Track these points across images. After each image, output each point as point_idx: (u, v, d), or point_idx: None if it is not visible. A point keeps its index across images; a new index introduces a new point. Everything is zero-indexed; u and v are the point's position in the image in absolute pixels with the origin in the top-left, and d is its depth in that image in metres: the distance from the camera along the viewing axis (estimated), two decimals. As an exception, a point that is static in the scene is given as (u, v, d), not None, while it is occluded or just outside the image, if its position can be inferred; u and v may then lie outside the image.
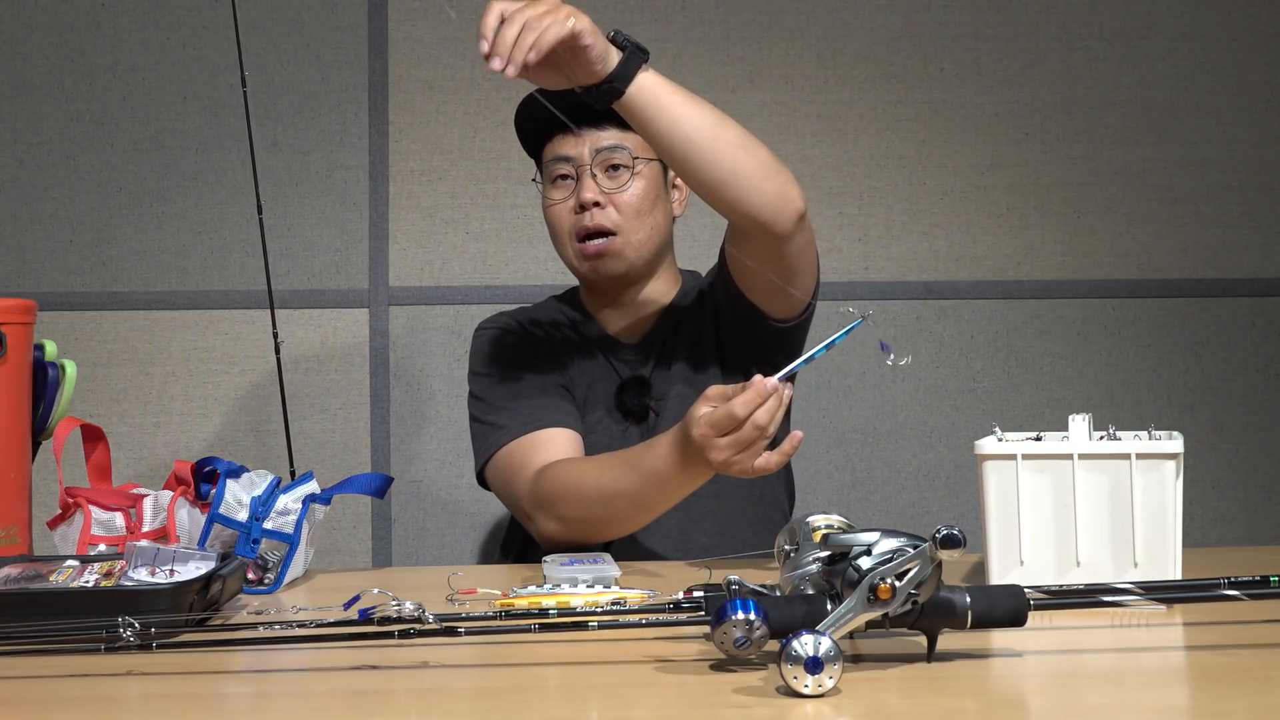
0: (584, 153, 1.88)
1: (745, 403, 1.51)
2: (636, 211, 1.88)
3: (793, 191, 1.69)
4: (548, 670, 1.18)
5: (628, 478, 1.69)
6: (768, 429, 1.53)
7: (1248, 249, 2.78)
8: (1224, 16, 2.78)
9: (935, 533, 1.08)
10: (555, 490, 1.75)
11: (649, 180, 1.89)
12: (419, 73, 2.70)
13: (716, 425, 1.53)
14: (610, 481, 1.70)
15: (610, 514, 1.71)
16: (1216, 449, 2.77)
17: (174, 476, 1.62)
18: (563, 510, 1.74)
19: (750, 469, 1.55)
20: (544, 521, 1.77)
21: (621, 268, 1.89)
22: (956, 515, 2.71)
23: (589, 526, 1.71)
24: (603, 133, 1.88)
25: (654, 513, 1.73)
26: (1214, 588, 1.22)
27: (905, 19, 2.75)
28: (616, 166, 1.88)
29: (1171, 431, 1.45)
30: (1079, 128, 2.76)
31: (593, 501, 1.72)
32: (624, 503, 1.70)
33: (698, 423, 1.55)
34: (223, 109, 2.66)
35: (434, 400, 2.69)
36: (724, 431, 1.53)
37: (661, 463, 1.64)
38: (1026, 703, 1.10)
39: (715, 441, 1.54)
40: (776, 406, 1.53)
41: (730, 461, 1.55)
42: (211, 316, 2.67)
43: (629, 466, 1.69)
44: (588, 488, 1.72)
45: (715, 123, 1.67)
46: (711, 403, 1.56)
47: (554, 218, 1.91)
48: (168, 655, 1.18)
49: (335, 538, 2.66)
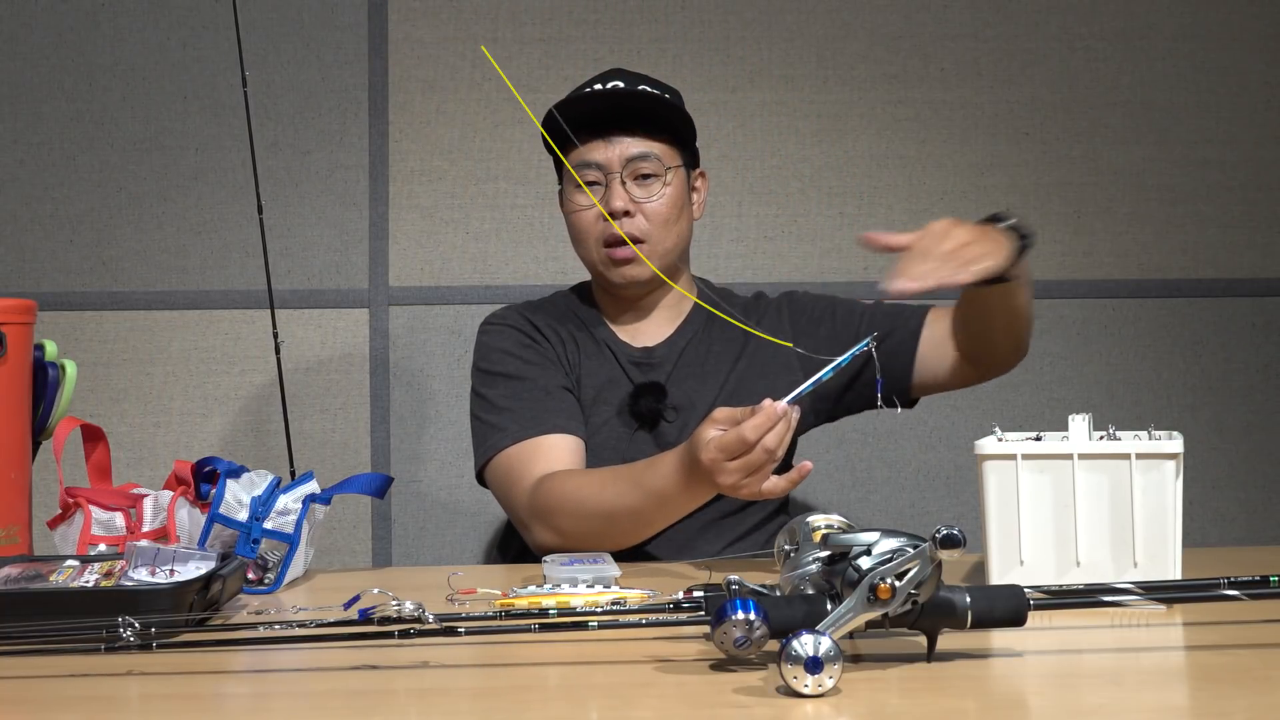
0: (614, 160, 1.86)
1: (755, 427, 1.50)
2: (665, 220, 1.87)
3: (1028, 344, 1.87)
4: (548, 670, 1.18)
5: (630, 495, 1.68)
6: (776, 452, 1.52)
7: (1248, 249, 2.78)
8: (1224, 16, 2.78)
9: (935, 533, 1.08)
10: (553, 503, 1.74)
11: (677, 189, 1.89)
12: (419, 73, 2.70)
13: (726, 449, 1.52)
14: (612, 498, 1.70)
15: (610, 529, 1.70)
16: (1216, 449, 2.77)
17: (174, 476, 1.62)
18: (561, 523, 1.74)
19: (758, 492, 1.55)
20: (540, 532, 1.77)
21: (647, 274, 1.89)
22: (956, 515, 2.71)
23: (587, 540, 1.70)
24: (633, 140, 1.86)
25: (654, 529, 1.73)
26: (1214, 588, 1.22)
27: (905, 19, 2.75)
28: (646, 175, 1.87)
29: (1171, 431, 1.45)
30: (1079, 128, 2.76)
31: (592, 516, 1.71)
32: (625, 519, 1.70)
33: (706, 446, 1.54)
34: (223, 109, 2.66)
35: (434, 400, 2.69)
36: (733, 455, 1.52)
37: (665, 482, 1.64)
38: (1026, 703, 1.10)
39: (724, 465, 1.53)
40: (785, 430, 1.52)
41: (739, 485, 1.54)
42: (211, 316, 2.67)
43: (631, 483, 1.69)
44: (588, 502, 1.72)
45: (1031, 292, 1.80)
46: (720, 425, 1.55)
47: (580, 222, 1.90)
48: (168, 655, 1.18)
49: (335, 538, 2.66)
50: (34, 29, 2.67)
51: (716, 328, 1.93)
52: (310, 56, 2.69)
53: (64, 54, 2.67)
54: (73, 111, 2.67)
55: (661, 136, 1.88)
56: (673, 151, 1.89)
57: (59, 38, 2.67)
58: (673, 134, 1.89)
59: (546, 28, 2.71)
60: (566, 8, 2.71)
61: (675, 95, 1.93)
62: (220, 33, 2.66)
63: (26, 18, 2.67)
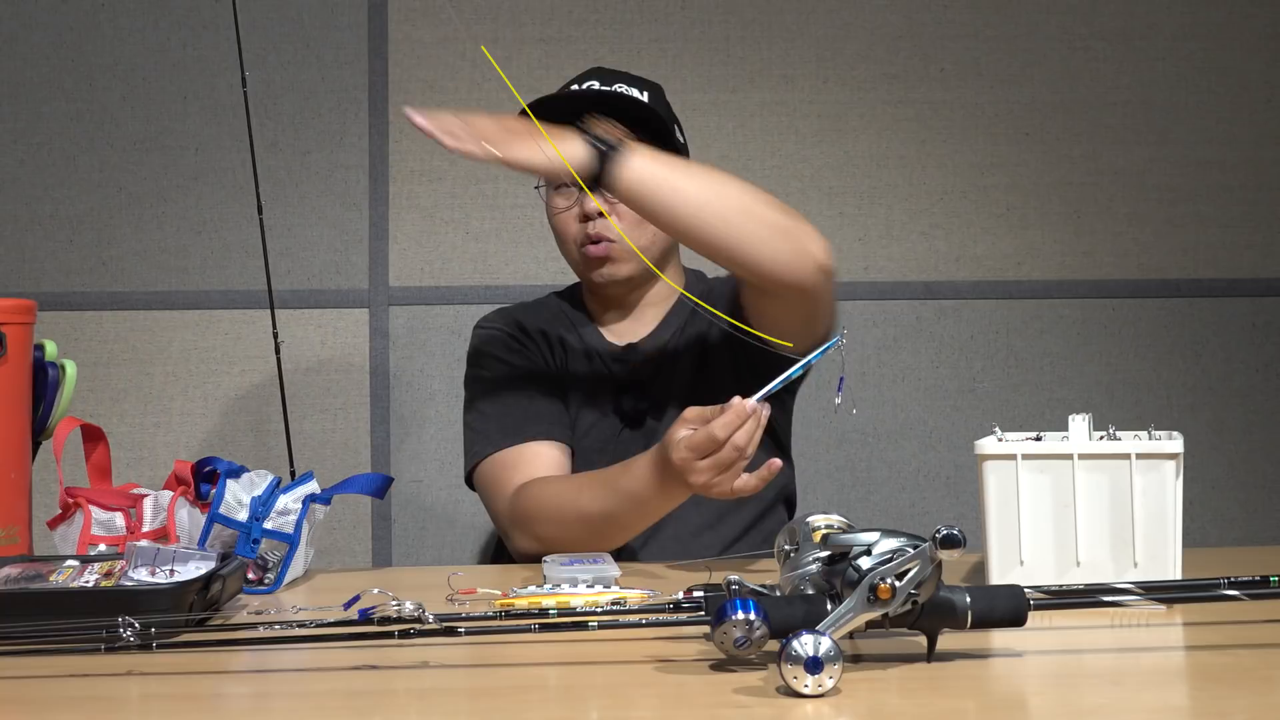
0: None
1: (725, 425, 1.51)
2: (639, 220, 1.87)
3: (812, 247, 1.68)
4: (548, 670, 1.18)
5: (606, 499, 1.69)
6: (746, 450, 1.52)
7: (1248, 249, 2.78)
8: (1224, 16, 2.78)
9: (935, 533, 1.08)
10: (532, 509, 1.76)
11: None
12: (419, 73, 2.70)
13: (696, 448, 1.53)
14: (588, 502, 1.71)
15: (588, 534, 1.71)
16: (1216, 449, 2.77)
17: (174, 476, 1.62)
18: (540, 530, 1.75)
19: (729, 490, 1.56)
20: (520, 539, 1.79)
21: (625, 272, 1.89)
22: (956, 515, 2.71)
23: (566, 546, 1.70)
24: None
25: (632, 532, 1.74)
26: (1214, 588, 1.22)
27: (905, 19, 2.75)
28: None
29: (1171, 431, 1.45)
30: (1079, 128, 2.76)
31: (570, 522, 1.72)
32: (602, 523, 1.71)
33: (677, 446, 1.54)
34: (223, 109, 2.66)
35: (434, 400, 2.69)
36: (704, 454, 1.53)
37: (639, 485, 1.65)
38: (1026, 703, 1.10)
39: (695, 465, 1.54)
40: (755, 428, 1.52)
41: (710, 484, 1.55)
42: (211, 316, 2.67)
43: (607, 488, 1.70)
44: (565, 508, 1.73)
45: (715, 194, 1.66)
46: (690, 425, 1.56)
47: (559, 225, 1.92)
48: (168, 655, 1.18)
49: (335, 538, 2.66)
50: (34, 29, 2.67)
51: (703, 319, 1.93)
52: (310, 56, 2.69)
53: (64, 54, 2.67)
54: (73, 111, 2.67)
55: (637, 134, 1.88)
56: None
57: (59, 38, 2.67)
58: (648, 130, 1.89)
59: (546, 28, 2.71)
60: (566, 8, 2.71)
61: (656, 91, 1.93)
62: (220, 33, 2.66)
63: (26, 18, 2.67)
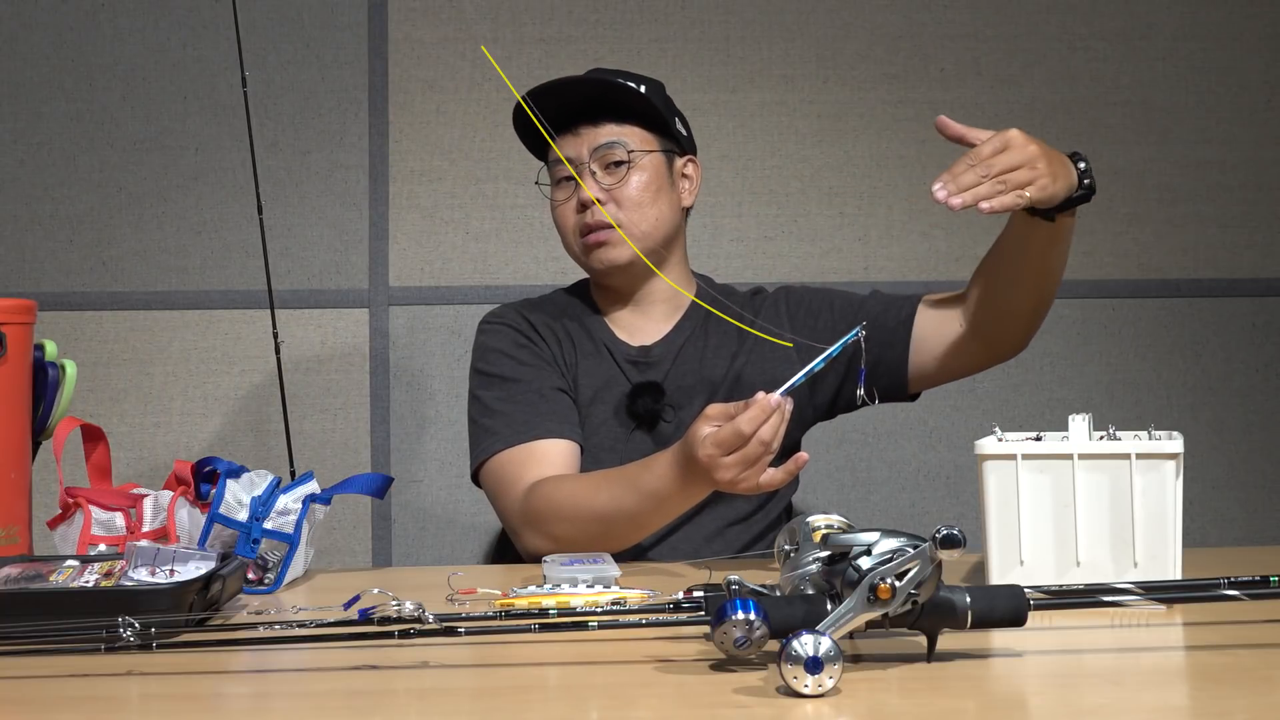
0: (582, 152, 1.88)
1: (750, 419, 1.51)
2: (637, 204, 1.88)
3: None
4: (548, 670, 1.18)
5: (626, 498, 1.68)
6: (772, 444, 1.52)
7: (1248, 249, 2.78)
8: (1224, 16, 2.78)
9: (935, 533, 1.08)
10: (546, 509, 1.74)
11: (649, 172, 1.89)
12: (419, 73, 2.70)
13: (722, 444, 1.52)
14: (606, 501, 1.70)
15: (605, 533, 1.70)
16: (1216, 449, 2.77)
17: (174, 476, 1.62)
18: (554, 529, 1.73)
19: (755, 486, 1.55)
20: (532, 538, 1.77)
21: (625, 257, 1.88)
22: (956, 515, 2.71)
23: (581, 545, 1.70)
24: (600, 129, 1.88)
25: (649, 530, 1.73)
26: (1214, 588, 1.22)
27: (905, 19, 2.75)
28: (618, 163, 1.88)
29: (1171, 431, 1.45)
30: (1079, 128, 2.76)
31: (587, 520, 1.71)
32: (621, 522, 1.69)
33: (703, 443, 1.54)
34: (223, 109, 2.66)
35: (434, 400, 2.69)
36: (730, 450, 1.52)
37: (661, 483, 1.64)
38: (1026, 703, 1.10)
39: (721, 461, 1.53)
40: (780, 422, 1.52)
41: (736, 480, 1.54)
42: (211, 316, 2.67)
43: (627, 486, 1.68)
44: (582, 507, 1.71)
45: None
46: (714, 422, 1.55)
47: (559, 218, 1.92)
48: (168, 655, 1.18)
49: (335, 538, 2.66)
50: (34, 29, 2.67)
51: (714, 325, 1.93)
52: (310, 57, 2.69)
53: (64, 54, 2.67)
54: (73, 111, 2.67)
55: (632, 123, 1.88)
56: (648, 137, 1.89)
57: (59, 38, 2.67)
58: (645, 120, 1.89)
59: (546, 28, 2.71)
60: (566, 8, 2.71)
61: (653, 85, 1.94)
62: (220, 33, 2.66)
63: (26, 18, 2.67)
